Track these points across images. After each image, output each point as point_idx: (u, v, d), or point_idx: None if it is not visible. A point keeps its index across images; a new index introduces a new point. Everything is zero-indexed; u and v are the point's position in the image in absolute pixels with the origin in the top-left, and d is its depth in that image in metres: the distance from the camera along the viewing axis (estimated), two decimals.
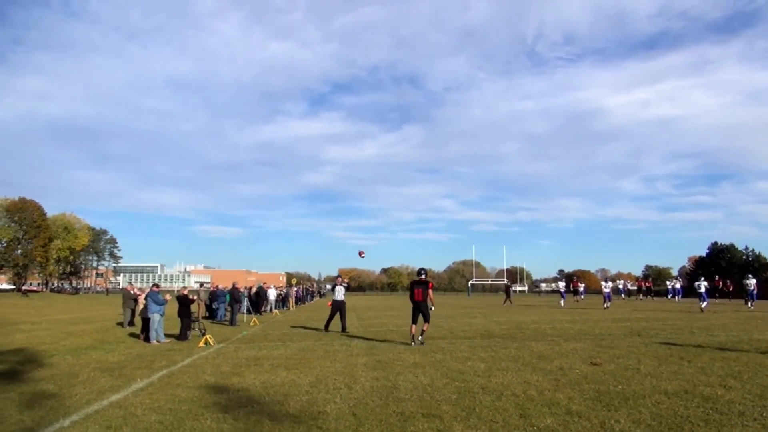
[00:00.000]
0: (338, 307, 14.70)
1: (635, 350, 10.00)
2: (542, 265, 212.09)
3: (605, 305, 25.92)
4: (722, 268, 60.10)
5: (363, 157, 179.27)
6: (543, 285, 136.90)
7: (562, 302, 30.72)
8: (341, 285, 14.97)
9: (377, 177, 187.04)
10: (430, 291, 11.40)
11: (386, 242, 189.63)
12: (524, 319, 19.62)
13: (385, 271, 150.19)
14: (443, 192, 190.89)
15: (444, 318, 20.34)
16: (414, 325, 11.49)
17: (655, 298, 40.35)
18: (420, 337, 11.41)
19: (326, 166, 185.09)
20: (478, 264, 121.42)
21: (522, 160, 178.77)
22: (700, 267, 69.76)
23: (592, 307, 29.31)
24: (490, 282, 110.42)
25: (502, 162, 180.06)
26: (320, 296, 65.11)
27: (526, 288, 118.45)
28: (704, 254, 73.20)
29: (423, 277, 11.66)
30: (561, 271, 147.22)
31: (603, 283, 27.30)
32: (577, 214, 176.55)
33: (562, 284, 31.98)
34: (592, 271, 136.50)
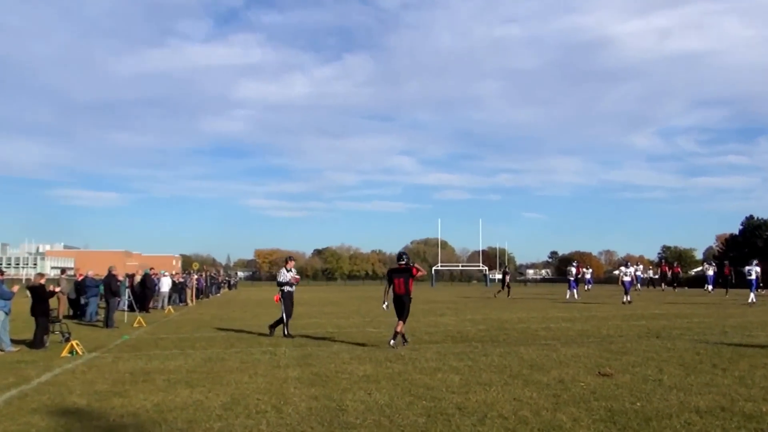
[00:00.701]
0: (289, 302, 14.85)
1: (655, 356, 10.44)
2: (529, 246, 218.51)
3: (625, 299, 26.38)
4: (758, 249, 63.07)
5: (289, 97, 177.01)
6: (530, 272, 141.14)
7: (569, 294, 31.66)
8: (284, 271, 15.05)
9: (309, 125, 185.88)
10: (420, 273, 12.32)
11: (320, 214, 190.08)
12: (508, 317, 20.15)
13: (319, 253, 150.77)
14: (398, 147, 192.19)
15: None
16: (401, 322, 12.23)
17: (676, 289, 41.66)
18: (392, 341, 12.13)
19: (238, 110, 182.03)
20: (444, 244, 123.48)
21: (503, 106, 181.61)
22: (732, 248, 72.98)
23: (597, 300, 30.24)
24: (460, 268, 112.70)
25: (478, 107, 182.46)
26: (229, 287, 64.65)
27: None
28: (736, 232, 76.45)
29: (404, 262, 12.37)
30: (554, 254, 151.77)
31: (622, 269, 28.01)
32: (575, 179, 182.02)
33: (573, 270, 32.79)
34: (594, 253, 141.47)
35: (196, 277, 35.91)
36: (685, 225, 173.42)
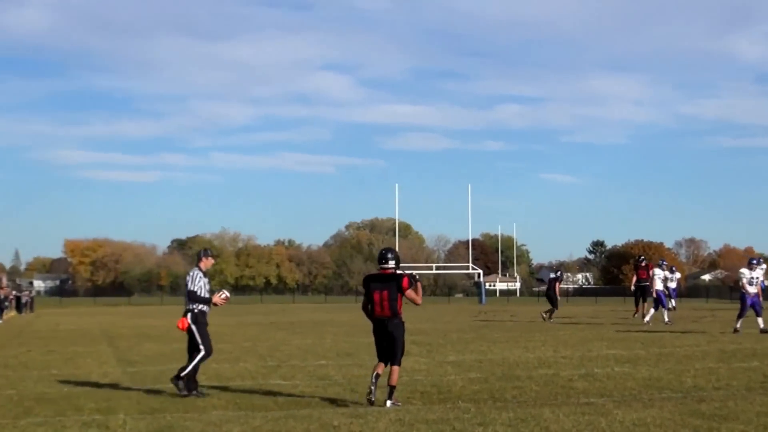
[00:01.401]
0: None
1: None
2: (553, 233, 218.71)
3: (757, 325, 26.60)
4: None
5: None
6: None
7: (648, 316, 32.77)
8: (200, 274, 15.22)
9: (161, 17, 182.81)
10: (413, 292, 12.88)
11: (184, 178, 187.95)
12: (521, 356, 20.26)
13: (181, 246, 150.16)
14: (323, 56, 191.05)
15: (335, 356, 20.78)
16: (382, 364, 12.81)
17: None
18: (389, 400, 12.66)
19: None
20: (405, 229, 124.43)
21: None
22: None
23: (675, 325, 30.54)
24: (434, 271, 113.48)
25: None
26: (19, 308, 63.75)
27: (517, 283, 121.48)
28: None
29: (390, 265, 13.01)
30: (598, 246, 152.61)
31: (745, 273, 28.00)
32: (634, 113, 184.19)
33: (659, 273, 33.35)
34: (668, 245, 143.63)
35: None
36: None
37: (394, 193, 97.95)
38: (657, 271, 33.45)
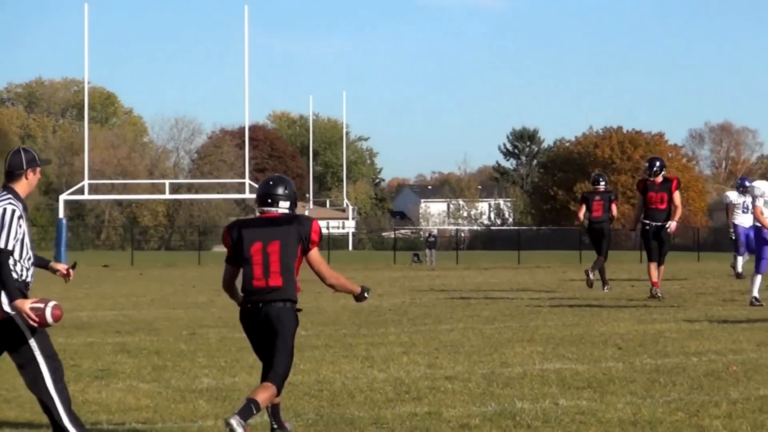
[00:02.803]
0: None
1: None
2: (427, 116, 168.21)
3: None
4: None
5: None
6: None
7: (738, 265, 28.66)
8: (19, 207, 8.69)
9: None
10: (320, 256, 8.75)
11: None
12: (356, 375, 14.08)
13: None
14: None
15: None
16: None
17: None
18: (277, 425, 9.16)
19: None
20: (107, 103, 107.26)
21: None
22: None
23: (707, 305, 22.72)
24: (167, 195, 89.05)
25: None
26: None
27: (350, 221, 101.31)
28: None
29: (281, 208, 8.72)
30: (524, 139, 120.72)
31: (732, 198, 27.91)
32: None
33: (733, 198, 27.91)
34: (674, 141, 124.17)
35: None
36: None
37: (82, 24, 60.64)
38: (731, 196, 27.67)
